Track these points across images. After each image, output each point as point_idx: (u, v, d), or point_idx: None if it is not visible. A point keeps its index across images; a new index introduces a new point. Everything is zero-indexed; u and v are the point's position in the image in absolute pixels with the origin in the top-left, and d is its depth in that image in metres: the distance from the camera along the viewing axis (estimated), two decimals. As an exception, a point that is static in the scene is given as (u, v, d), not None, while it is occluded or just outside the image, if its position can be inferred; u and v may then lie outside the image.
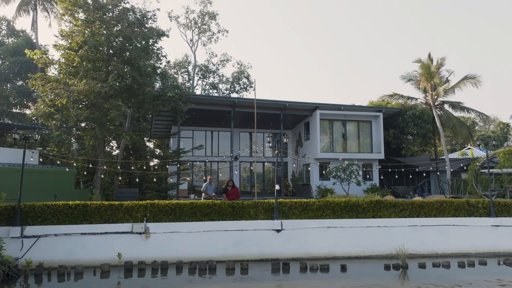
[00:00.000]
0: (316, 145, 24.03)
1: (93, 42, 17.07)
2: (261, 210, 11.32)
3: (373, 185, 24.36)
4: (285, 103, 23.75)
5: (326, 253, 10.97)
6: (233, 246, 10.77)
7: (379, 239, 11.23)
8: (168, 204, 10.94)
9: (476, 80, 25.39)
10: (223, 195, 12.32)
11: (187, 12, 31.31)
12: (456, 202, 12.05)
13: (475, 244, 11.63)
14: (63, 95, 17.45)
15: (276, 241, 11.00)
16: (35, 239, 9.90)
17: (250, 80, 34.34)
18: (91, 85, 16.75)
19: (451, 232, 11.68)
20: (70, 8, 17.77)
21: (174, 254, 10.30)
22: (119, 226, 10.41)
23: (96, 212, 10.51)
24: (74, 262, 9.75)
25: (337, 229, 11.28)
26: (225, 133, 26.98)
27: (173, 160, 21.62)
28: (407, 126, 26.11)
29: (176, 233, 10.63)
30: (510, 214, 12.08)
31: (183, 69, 33.92)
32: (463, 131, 25.52)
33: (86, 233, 10.20)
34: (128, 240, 10.35)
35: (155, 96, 19.83)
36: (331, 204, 11.59)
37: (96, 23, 17.56)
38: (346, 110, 24.93)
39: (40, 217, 10.19)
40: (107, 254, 10.05)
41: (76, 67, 17.57)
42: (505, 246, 11.64)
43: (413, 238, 11.42)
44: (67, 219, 10.30)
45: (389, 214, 11.72)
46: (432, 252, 11.43)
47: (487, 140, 18.61)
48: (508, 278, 9.43)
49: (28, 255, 9.63)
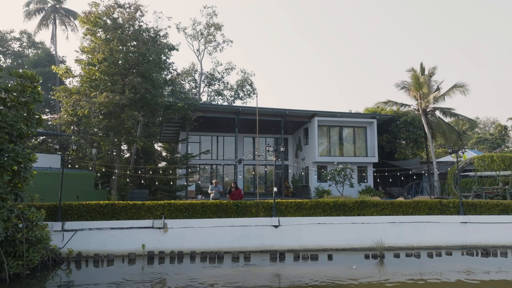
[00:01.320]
0: (314, 150, 25.93)
1: (112, 59, 19.12)
2: (261, 209, 13.25)
3: (367, 187, 26.18)
4: (285, 110, 25.68)
5: (317, 246, 12.87)
6: (238, 239, 12.69)
7: (363, 233, 13.12)
8: (183, 204, 12.90)
9: (464, 88, 27.18)
10: (227, 195, 14.35)
11: (194, 24, 33.33)
12: (430, 202, 13.93)
13: (446, 238, 13.48)
14: (84, 106, 19.51)
15: (274, 235, 12.93)
16: (73, 232, 11.90)
17: (253, 87, 36.38)
18: (110, 97, 18.79)
19: (425, 228, 13.54)
20: (91, 29, 19.81)
21: (188, 246, 12.26)
22: (142, 222, 12.39)
23: (122, 210, 12.50)
24: (105, 252, 11.75)
25: (326, 225, 13.19)
26: (230, 138, 28.97)
27: (182, 164, 23.62)
28: (399, 131, 27.95)
29: (190, 228, 12.58)
30: (477, 212, 13.93)
31: (190, 77, 35.95)
32: (452, 136, 27.30)
33: (114, 227, 12.19)
34: (150, 234, 12.32)
35: (167, 106, 21.82)
36: (322, 204, 13.52)
37: (114, 41, 19.57)
38: (342, 117, 26.83)
39: (77, 214, 12.20)
40: (132, 245, 12.04)
41: (97, 80, 19.63)
42: (472, 239, 13.48)
43: (392, 233, 13.30)
44: (99, 216, 12.30)
45: (371, 212, 13.62)
46: (408, 245, 13.29)
47: (461, 148, 20.36)
48: (464, 264, 11.32)
49: (68, 246, 11.63)
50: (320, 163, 26.23)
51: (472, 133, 69.15)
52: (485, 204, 14.05)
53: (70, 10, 31.61)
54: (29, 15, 30.20)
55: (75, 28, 30.99)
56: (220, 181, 27.42)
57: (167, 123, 25.76)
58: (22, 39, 32.53)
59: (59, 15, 30.81)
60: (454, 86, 27.63)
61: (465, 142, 64.11)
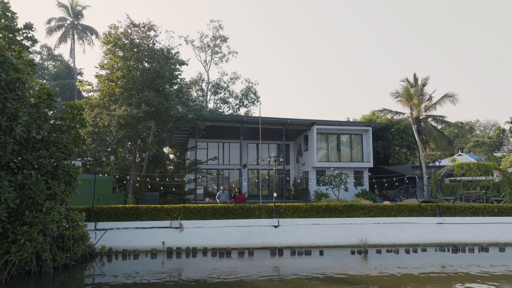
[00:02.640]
0: (314, 156, 28.00)
1: (130, 76, 21.33)
2: (263, 211, 15.36)
3: (363, 190, 28.25)
4: (286, 119, 27.78)
5: (311, 243, 14.94)
6: (243, 237, 14.80)
7: (350, 233, 15.18)
8: (196, 207, 15.05)
9: (453, 98, 29.18)
10: (232, 199, 16.52)
11: (202, 36, 35.54)
12: (410, 205, 15.98)
13: (424, 236, 15.50)
14: (105, 118, 21.75)
15: (274, 234, 15.03)
16: (104, 231, 14.07)
17: (257, 95, 38.54)
18: (128, 111, 21.00)
19: (406, 228, 15.57)
20: (111, 48, 22.03)
21: (201, 243, 14.40)
22: (161, 223, 14.54)
23: (145, 212, 14.68)
24: (131, 247, 13.92)
25: (319, 226, 15.27)
26: (235, 144, 31.10)
27: (192, 169, 25.79)
28: (393, 138, 29.96)
29: (202, 228, 14.71)
30: (451, 214, 15.94)
31: (198, 86, 38.17)
32: (443, 143, 29.26)
33: (139, 227, 14.35)
34: (168, 233, 14.47)
35: (178, 117, 23.99)
36: (315, 207, 15.61)
37: (131, 60, 21.76)
38: (340, 125, 28.89)
39: (107, 215, 14.39)
40: (154, 242, 14.20)
41: (116, 95, 21.85)
42: (446, 238, 15.48)
43: (376, 232, 15.35)
44: (125, 217, 14.47)
45: (359, 214, 15.68)
46: (390, 243, 15.32)
47: (436, 158, 22.33)
48: (435, 259, 13.37)
49: (100, 242, 13.81)
50: (319, 168, 28.29)
51: (471, 136, 70.74)
52: (458, 207, 16.06)
53: (87, 26, 34.07)
54: (50, 31, 32.64)
55: (91, 42, 33.48)
56: (226, 184, 29.61)
57: (177, 131, 27.94)
58: (42, 52, 35.02)
59: (77, 31, 33.20)
60: (444, 96, 29.62)
61: (463, 145, 65.84)
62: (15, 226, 9.47)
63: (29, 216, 9.56)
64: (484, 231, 15.66)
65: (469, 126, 74.92)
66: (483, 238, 15.55)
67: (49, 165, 10.11)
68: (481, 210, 15.99)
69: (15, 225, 9.50)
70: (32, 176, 9.44)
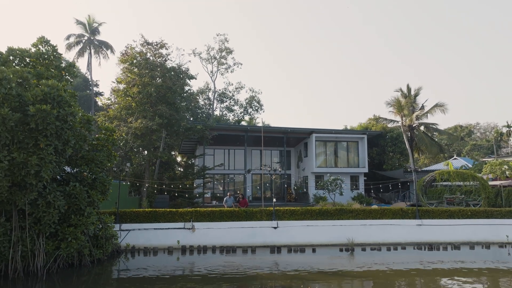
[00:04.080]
0: (313, 162, 30.21)
1: (145, 92, 23.71)
2: (264, 214, 17.63)
3: (359, 194, 30.37)
4: (287, 128, 30.02)
5: (306, 242, 17.16)
6: (246, 237, 17.06)
7: (340, 233, 17.37)
8: (206, 211, 17.36)
9: (443, 108, 31.26)
10: (237, 203, 18.87)
11: (208, 49, 37.95)
12: (394, 209, 18.17)
13: (405, 237, 17.66)
14: (122, 129, 24.16)
15: (274, 234, 17.28)
16: (127, 231, 16.42)
17: (260, 104, 40.87)
18: (144, 123, 23.40)
19: (389, 229, 17.74)
20: (127, 67, 24.45)
21: (210, 242, 16.69)
22: (176, 224, 16.85)
23: (162, 215, 17.01)
24: (151, 245, 16.25)
25: (313, 227, 17.49)
26: (240, 151, 33.38)
27: (200, 175, 28.13)
28: (387, 145, 32.09)
29: (211, 229, 17.00)
30: (430, 217, 18.09)
31: (205, 96, 40.59)
32: (433, 149, 31.35)
33: (157, 228, 16.68)
34: (182, 233, 16.78)
35: (188, 127, 26.35)
36: (310, 211, 17.85)
37: (146, 77, 24.13)
38: (337, 133, 31.07)
39: (129, 218, 16.74)
40: (170, 241, 16.51)
41: (132, 109, 24.25)
42: (425, 238, 17.62)
43: (363, 233, 17.53)
44: (145, 219, 16.81)
45: (348, 217, 17.89)
46: (376, 242, 17.50)
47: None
48: (412, 256, 15.58)
49: (125, 241, 16.16)
50: (318, 173, 30.48)
51: (469, 139, 72.39)
52: (436, 211, 18.23)
53: (102, 41, 36.68)
54: (70, 47, 35.29)
55: (106, 56, 36.04)
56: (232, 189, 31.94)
57: (186, 139, 30.29)
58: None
59: (94, 46, 35.76)
60: (435, 105, 31.72)
61: (460, 148, 67.57)
62: (63, 227, 11.83)
63: (74, 219, 11.93)
64: (458, 232, 17.81)
65: (468, 129, 76.64)
66: (457, 238, 17.70)
67: (89, 178, 12.48)
68: (456, 213, 18.14)
69: (63, 226, 11.87)
70: (77, 187, 11.81)
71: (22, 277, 11.23)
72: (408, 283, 11.72)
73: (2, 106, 9.49)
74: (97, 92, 38.83)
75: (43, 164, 10.08)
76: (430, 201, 22.29)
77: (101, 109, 32.89)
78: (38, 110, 9.66)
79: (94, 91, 36.86)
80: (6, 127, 9.42)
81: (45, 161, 10.09)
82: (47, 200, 10.97)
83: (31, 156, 9.86)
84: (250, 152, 33.76)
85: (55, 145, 10.42)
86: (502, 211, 18.39)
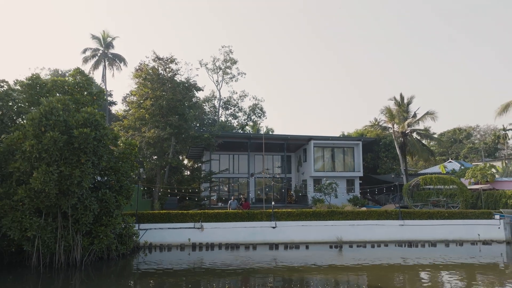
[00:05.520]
0: (311, 166, 32.56)
1: (157, 104, 26.20)
2: (264, 216, 20.01)
3: (354, 196, 32.69)
4: (287, 136, 32.41)
5: (300, 240, 19.52)
6: (249, 236, 19.44)
7: (331, 232, 19.70)
8: (213, 212, 19.78)
9: (434, 116, 33.47)
10: (240, 206, 21.30)
11: (214, 60, 40.49)
12: (379, 211, 20.48)
13: (389, 235, 19.95)
14: (136, 138, 26.67)
15: (272, 233, 19.66)
16: (145, 230, 18.88)
17: (263, 111, 43.39)
18: (156, 132, 25.90)
19: (374, 229, 20.04)
20: (141, 81, 26.97)
21: (217, 239, 19.11)
22: (187, 224, 19.28)
23: (174, 216, 19.46)
24: (165, 243, 18.71)
25: (307, 227, 19.84)
26: (244, 156, 35.83)
27: (207, 179, 30.59)
28: (380, 151, 34.37)
29: (218, 228, 19.41)
30: (411, 218, 20.37)
31: (211, 104, 43.12)
32: (424, 154, 33.57)
33: (170, 227, 19.13)
34: (192, 232, 19.21)
35: (195, 136, 28.80)
36: (304, 212, 20.21)
37: (158, 91, 26.61)
38: (334, 140, 33.41)
39: (146, 219, 19.21)
40: (182, 239, 18.95)
41: (146, 119, 26.76)
42: (406, 236, 19.89)
43: (351, 232, 19.84)
44: (160, 220, 19.26)
45: (338, 218, 20.21)
46: (362, 240, 19.80)
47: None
48: (394, 252, 17.90)
49: (143, 239, 18.62)
50: (316, 177, 32.85)
51: (468, 142, 74.14)
52: (417, 212, 20.53)
53: (116, 54, 39.40)
54: (86, 60, 38.03)
55: (119, 68, 38.70)
56: (236, 191, 34.40)
57: (194, 146, 32.78)
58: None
59: (108, 59, 38.42)
60: (426, 113, 33.93)
61: (458, 151, 69.44)
62: (96, 227, 14.31)
63: (105, 220, 14.41)
64: (436, 231, 20.08)
65: (467, 132, 78.33)
66: (435, 236, 19.98)
67: (116, 185, 14.97)
68: (435, 215, 20.42)
69: (96, 226, 14.34)
70: (107, 194, 14.30)
71: (64, 267, 13.75)
72: (393, 276, 13.82)
73: (53, 130, 12.01)
74: (111, 102, 41.56)
75: (84, 176, 12.58)
76: (415, 203, 24.56)
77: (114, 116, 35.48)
78: (81, 133, 12.16)
79: (108, 101, 39.46)
80: (56, 147, 11.92)
81: (85, 173, 12.59)
82: (84, 204, 13.46)
83: (75, 169, 12.36)
84: (253, 157, 36.19)
85: (92, 160, 12.92)
86: (476, 213, 20.64)
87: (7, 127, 15.08)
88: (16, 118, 15.85)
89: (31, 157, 11.99)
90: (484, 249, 18.85)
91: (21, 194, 12.22)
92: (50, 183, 11.88)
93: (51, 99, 12.41)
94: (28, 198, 12.31)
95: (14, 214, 12.48)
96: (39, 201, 12.48)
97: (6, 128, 15.00)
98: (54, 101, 12.37)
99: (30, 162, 12.12)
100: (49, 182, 11.86)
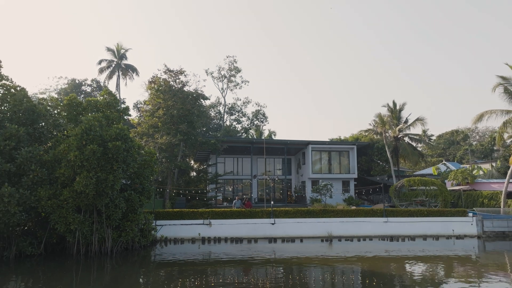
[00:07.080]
0: (309, 169, 35.32)
1: (169, 113, 29.11)
2: (264, 213, 22.82)
3: (349, 196, 35.40)
4: (287, 141, 35.20)
5: (296, 235, 22.31)
6: (251, 231, 22.25)
7: (323, 228, 22.48)
8: (220, 211, 22.62)
9: (423, 122, 36.12)
10: (243, 205, 24.15)
11: (219, 69, 43.38)
12: (366, 209, 23.23)
13: (374, 230, 22.68)
14: (150, 144, 29.59)
15: (271, 228, 22.47)
16: (161, 226, 21.73)
17: (265, 116, 46.31)
18: (168, 139, 28.81)
19: (361, 225, 22.79)
20: (154, 93, 29.89)
21: (223, 234, 21.94)
22: (197, 221, 22.11)
23: (186, 214, 22.31)
24: (179, 237, 21.57)
25: (302, 223, 22.63)
26: (247, 159, 38.67)
27: (213, 181, 33.48)
28: (374, 154, 37.06)
29: (224, 224, 22.23)
30: (394, 215, 23.09)
31: (216, 110, 46.03)
32: (414, 158, 36.20)
33: (183, 224, 21.98)
34: (202, 227, 22.06)
35: (203, 142, 31.67)
36: (300, 211, 23.00)
37: (169, 101, 29.50)
38: (330, 144, 36.17)
39: (162, 216, 22.06)
40: (193, 233, 21.81)
41: (158, 127, 29.68)
42: (390, 231, 22.63)
43: (341, 228, 22.61)
44: (174, 217, 22.10)
45: (329, 215, 22.99)
46: (351, 235, 22.56)
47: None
48: (377, 245, 20.64)
49: (159, 233, 21.48)
50: (314, 179, 35.60)
51: (464, 143, 76.46)
52: (399, 211, 23.25)
53: (129, 65, 42.47)
54: (101, 71, 41.14)
55: (132, 77, 41.75)
56: (240, 191, 37.27)
57: (201, 150, 35.67)
58: (92, 85, 43.52)
59: (121, 69, 41.45)
60: (416, 120, 36.57)
61: (454, 152, 71.83)
62: (123, 222, 17.19)
63: (130, 216, 17.29)
64: (416, 227, 22.80)
65: (464, 134, 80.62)
66: (415, 232, 22.69)
67: (139, 188, 17.86)
68: (415, 213, 23.14)
69: (123, 221, 17.22)
70: (132, 194, 17.19)
71: (98, 255, 16.66)
72: (380, 265, 16.39)
73: (92, 143, 14.92)
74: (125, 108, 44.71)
75: (116, 180, 15.47)
76: (401, 202, 27.27)
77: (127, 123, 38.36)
78: (114, 145, 15.06)
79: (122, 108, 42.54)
80: (95, 157, 14.82)
81: (117, 178, 15.49)
82: (114, 203, 16.36)
83: (109, 175, 15.25)
84: (256, 160, 39.03)
85: (122, 167, 15.81)
86: (452, 211, 23.34)
87: (47, 138, 18.04)
88: (52, 130, 18.80)
89: (74, 165, 14.91)
90: (458, 243, 21.54)
91: (65, 195, 15.15)
92: (89, 186, 14.78)
93: (89, 118, 15.33)
94: (71, 198, 15.22)
95: (60, 211, 15.40)
96: (80, 201, 15.39)
97: (45, 139, 17.95)
98: (91, 119, 15.28)
99: (73, 169, 15.04)
100: (89, 185, 14.76)
